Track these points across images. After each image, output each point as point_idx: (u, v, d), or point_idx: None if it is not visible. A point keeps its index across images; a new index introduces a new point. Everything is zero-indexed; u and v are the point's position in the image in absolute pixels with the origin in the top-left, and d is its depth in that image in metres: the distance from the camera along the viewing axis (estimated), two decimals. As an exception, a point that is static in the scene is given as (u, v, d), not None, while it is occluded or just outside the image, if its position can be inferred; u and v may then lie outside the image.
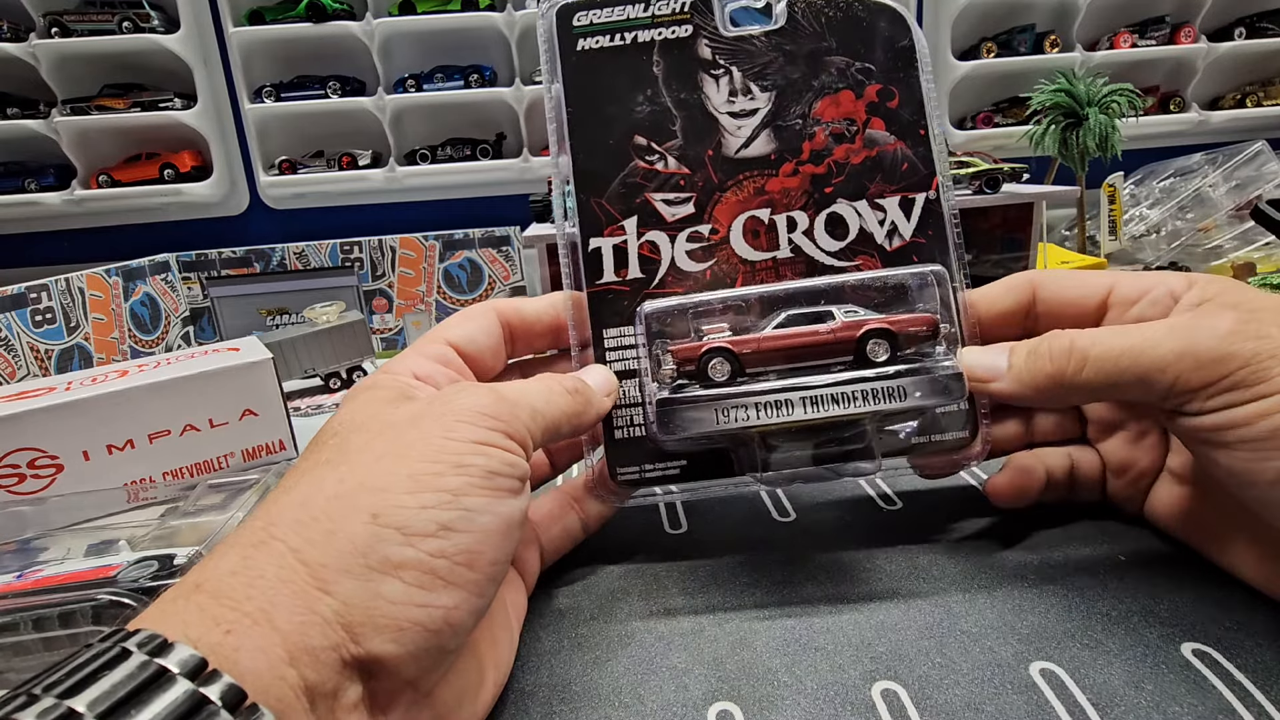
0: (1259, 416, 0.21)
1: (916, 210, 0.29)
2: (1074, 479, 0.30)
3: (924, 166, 0.29)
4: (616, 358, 0.29)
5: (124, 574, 0.31)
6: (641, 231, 0.29)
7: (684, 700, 0.23)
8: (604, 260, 0.29)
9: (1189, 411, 0.23)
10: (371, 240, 1.29)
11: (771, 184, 0.29)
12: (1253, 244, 1.06)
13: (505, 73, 1.49)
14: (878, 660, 0.24)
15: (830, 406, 0.25)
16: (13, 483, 0.42)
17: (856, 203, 0.29)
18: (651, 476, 0.28)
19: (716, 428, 0.26)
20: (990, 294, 0.29)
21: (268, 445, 0.49)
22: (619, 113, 0.29)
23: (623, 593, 0.29)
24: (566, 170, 0.29)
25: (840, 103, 0.29)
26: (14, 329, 0.93)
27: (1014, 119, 1.51)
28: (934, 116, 0.29)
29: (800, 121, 0.29)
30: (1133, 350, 0.23)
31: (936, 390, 0.26)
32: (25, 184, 1.44)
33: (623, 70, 0.29)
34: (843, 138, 0.29)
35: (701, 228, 0.29)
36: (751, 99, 0.29)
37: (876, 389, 0.25)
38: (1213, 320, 0.23)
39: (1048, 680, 0.22)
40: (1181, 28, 1.49)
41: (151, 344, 1.19)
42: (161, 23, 1.40)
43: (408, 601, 0.17)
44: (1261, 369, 0.21)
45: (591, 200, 0.29)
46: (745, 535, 0.33)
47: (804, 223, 0.29)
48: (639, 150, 0.29)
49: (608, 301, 0.29)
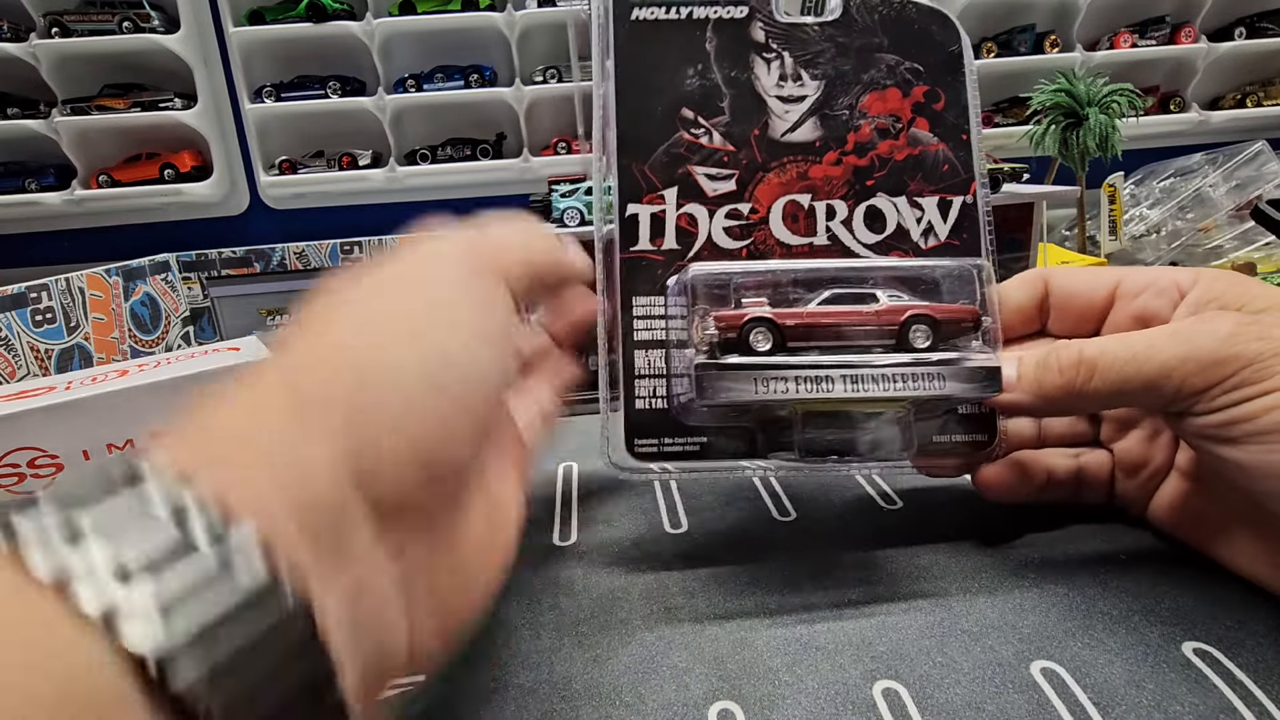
0: (1266, 410, 0.22)
1: (954, 212, 0.29)
2: (1080, 479, 0.30)
3: (964, 170, 0.29)
4: (644, 327, 0.28)
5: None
6: (681, 203, 0.28)
7: (685, 699, 0.23)
8: (640, 227, 0.28)
9: (1196, 412, 0.23)
10: (372, 240, 1.29)
11: (814, 170, 0.29)
12: (1253, 244, 1.06)
13: (505, 73, 1.49)
14: (878, 659, 0.24)
15: (870, 386, 0.26)
16: (12, 482, 0.42)
17: (896, 198, 0.29)
18: (670, 451, 0.28)
19: (755, 397, 0.25)
20: (1006, 290, 0.30)
21: (268, 445, 0.49)
22: (669, 83, 0.29)
23: (623, 591, 0.29)
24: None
25: (887, 99, 0.29)
26: (14, 329, 0.93)
27: (1014, 119, 1.51)
28: (976, 124, 0.29)
29: (847, 112, 0.29)
30: (1138, 357, 0.24)
31: (973, 382, 0.26)
32: (25, 184, 1.44)
33: (676, 43, 0.29)
34: (887, 133, 0.29)
35: (741, 205, 0.29)
36: (801, 85, 0.29)
37: (917, 374, 0.26)
38: (1214, 324, 0.24)
39: (1049, 679, 0.22)
40: (1182, 28, 1.49)
41: (152, 344, 1.19)
42: (162, 23, 1.40)
43: (409, 445, 0.17)
44: (1265, 367, 0.22)
45: (633, 166, 0.28)
46: (746, 534, 0.33)
47: (843, 212, 0.29)
48: (685, 123, 0.29)
49: (641, 268, 0.28)
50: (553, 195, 0.78)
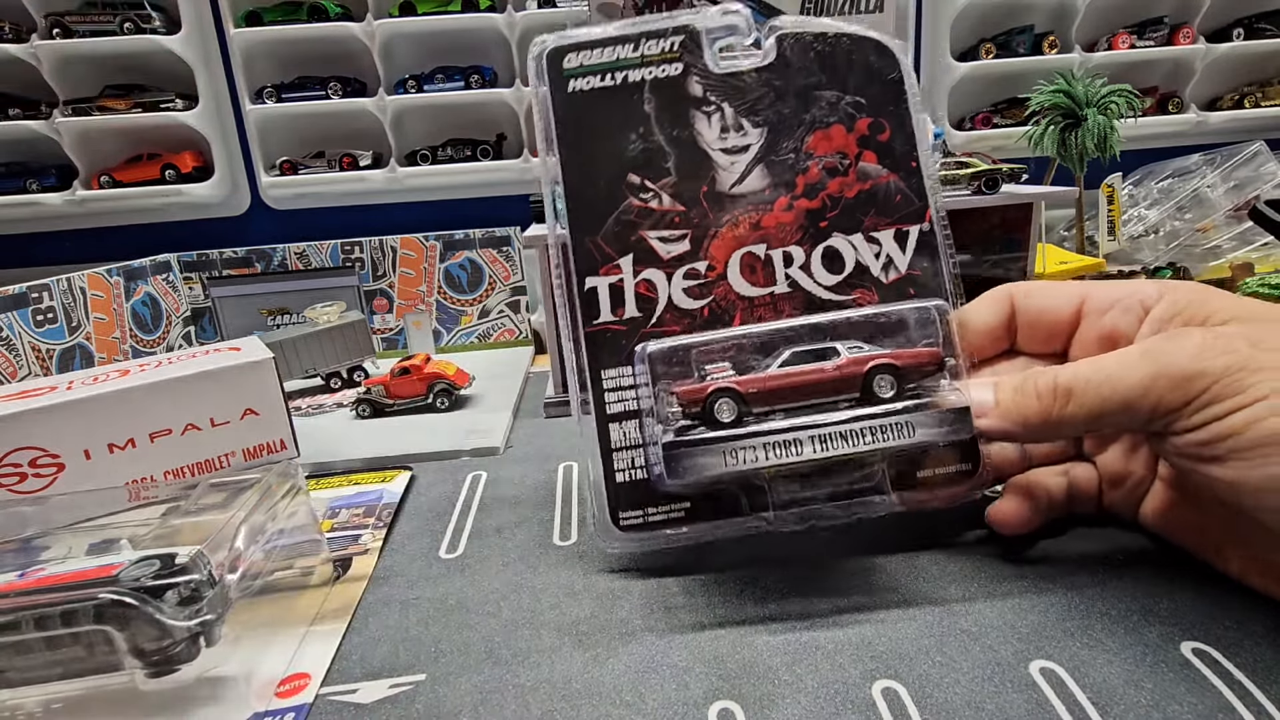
0: (1246, 425, 0.22)
1: (911, 242, 0.29)
2: (1071, 495, 0.30)
3: (917, 199, 0.30)
4: (615, 399, 0.28)
5: (125, 573, 0.31)
6: (638, 270, 0.29)
7: (685, 698, 0.23)
8: (600, 300, 0.29)
9: (1176, 430, 0.24)
10: (372, 240, 1.29)
11: (767, 219, 0.29)
12: (1251, 244, 1.06)
13: (506, 74, 1.49)
14: (878, 659, 0.24)
15: (839, 444, 0.25)
16: (14, 482, 0.42)
17: (852, 236, 0.29)
18: (655, 520, 0.28)
19: (726, 470, 0.26)
20: (975, 310, 0.30)
21: (269, 444, 0.50)
22: (612, 151, 0.29)
23: (623, 591, 0.29)
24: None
25: (832, 137, 0.30)
26: (15, 328, 0.93)
27: (1013, 120, 1.51)
28: (924, 149, 0.29)
29: (793, 156, 0.29)
30: (1112, 379, 0.24)
31: (944, 426, 0.26)
32: (27, 184, 1.44)
33: (615, 110, 0.29)
34: (836, 171, 0.29)
35: (698, 264, 0.29)
36: (744, 134, 0.29)
37: (885, 425, 0.26)
38: (1180, 341, 0.24)
39: (1047, 679, 0.22)
40: (1180, 29, 1.49)
41: (153, 344, 1.20)
42: (163, 24, 1.40)
43: None
44: (1234, 382, 0.22)
45: (586, 240, 0.29)
46: (746, 535, 0.33)
47: (800, 258, 0.29)
48: (633, 189, 0.29)
49: (606, 341, 0.28)
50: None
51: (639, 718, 0.22)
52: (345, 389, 0.77)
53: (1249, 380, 0.22)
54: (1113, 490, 0.30)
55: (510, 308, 1.31)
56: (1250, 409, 0.22)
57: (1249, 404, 0.22)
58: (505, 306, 1.33)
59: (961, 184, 0.80)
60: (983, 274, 0.88)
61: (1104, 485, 0.31)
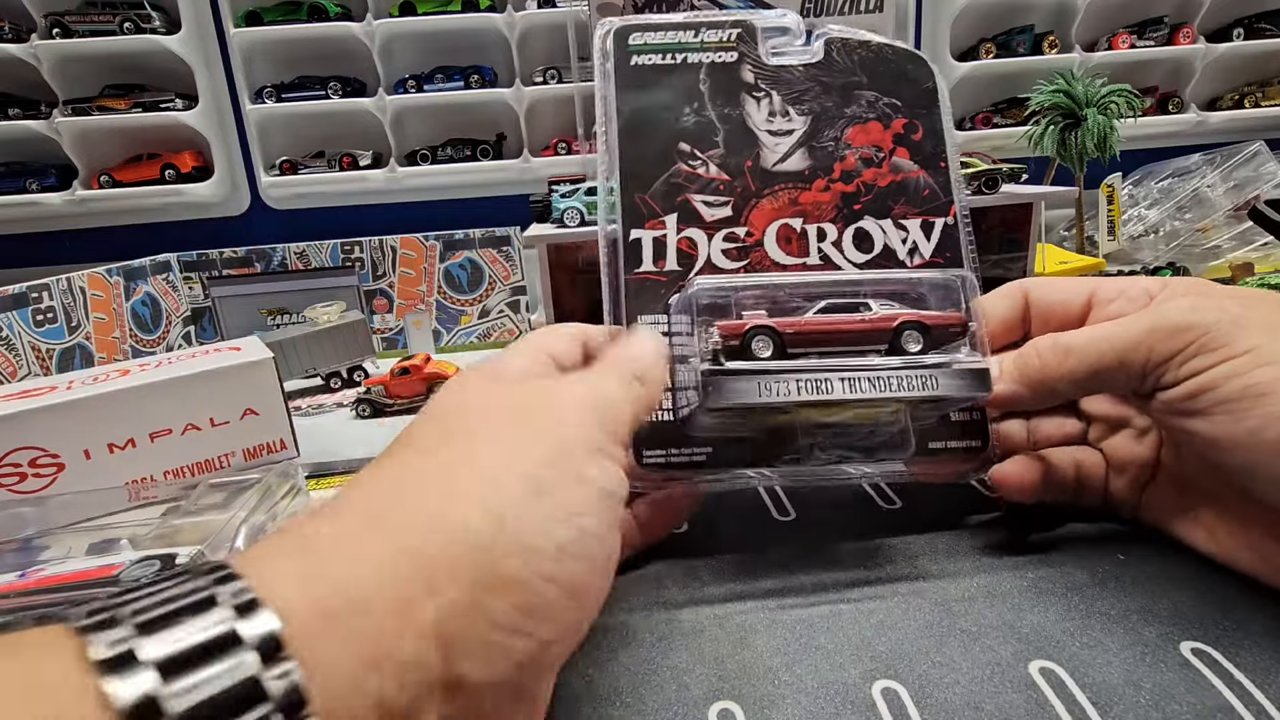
0: (1227, 378, 0.23)
1: (936, 233, 0.31)
2: (1079, 480, 0.31)
3: (944, 195, 0.32)
4: None
5: (126, 573, 0.31)
6: (681, 228, 0.30)
7: (684, 699, 0.23)
8: (643, 250, 0.30)
9: (1164, 384, 0.25)
10: (372, 240, 1.29)
11: (804, 196, 0.31)
12: (1251, 244, 1.06)
13: (505, 74, 1.49)
14: (878, 659, 0.24)
15: (866, 387, 0.26)
16: (14, 482, 0.42)
17: (882, 221, 0.31)
18: (677, 461, 0.29)
19: (759, 399, 0.26)
20: (989, 302, 0.31)
21: (269, 444, 0.50)
22: (667, 121, 0.31)
23: (623, 591, 0.29)
24: (614, 168, 0.30)
25: (869, 131, 0.32)
26: (15, 328, 0.93)
27: (1013, 119, 1.51)
28: (953, 152, 0.32)
29: (833, 144, 0.31)
30: (1110, 336, 0.26)
31: (965, 383, 0.27)
32: (27, 184, 1.44)
33: (673, 85, 0.31)
34: (871, 162, 0.31)
35: (738, 229, 0.30)
36: (789, 120, 0.31)
37: (910, 376, 0.27)
38: (1175, 300, 0.26)
39: (1047, 679, 0.22)
40: (1180, 28, 1.49)
41: (153, 343, 1.20)
42: (163, 23, 1.40)
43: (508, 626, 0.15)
44: (1223, 334, 0.23)
45: (636, 196, 0.30)
46: (745, 534, 0.33)
47: (833, 234, 0.31)
48: (683, 155, 0.31)
49: (645, 289, 0.30)
50: (553, 196, 0.78)
51: (639, 718, 0.22)
52: (345, 389, 0.77)
53: (1235, 334, 0.23)
54: (1119, 478, 0.30)
55: (510, 307, 1.31)
56: (1233, 362, 0.23)
57: (1233, 356, 0.23)
58: (505, 306, 1.33)
59: (961, 184, 0.80)
60: (983, 274, 0.88)
61: (1110, 473, 0.31)
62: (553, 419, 0.19)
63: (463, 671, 0.15)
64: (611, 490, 0.19)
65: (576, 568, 0.17)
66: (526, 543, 0.16)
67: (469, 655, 0.15)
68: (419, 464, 0.18)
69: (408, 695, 0.14)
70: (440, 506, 0.16)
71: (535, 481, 0.17)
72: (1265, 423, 0.22)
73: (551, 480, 0.17)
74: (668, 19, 0.31)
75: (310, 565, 0.15)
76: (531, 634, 0.16)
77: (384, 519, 0.16)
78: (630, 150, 0.31)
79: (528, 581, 0.16)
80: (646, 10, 0.78)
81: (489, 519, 0.16)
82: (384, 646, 0.14)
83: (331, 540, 0.15)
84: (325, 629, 0.13)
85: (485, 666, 0.15)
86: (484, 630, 0.15)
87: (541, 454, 0.18)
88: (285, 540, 0.15)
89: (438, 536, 0.15)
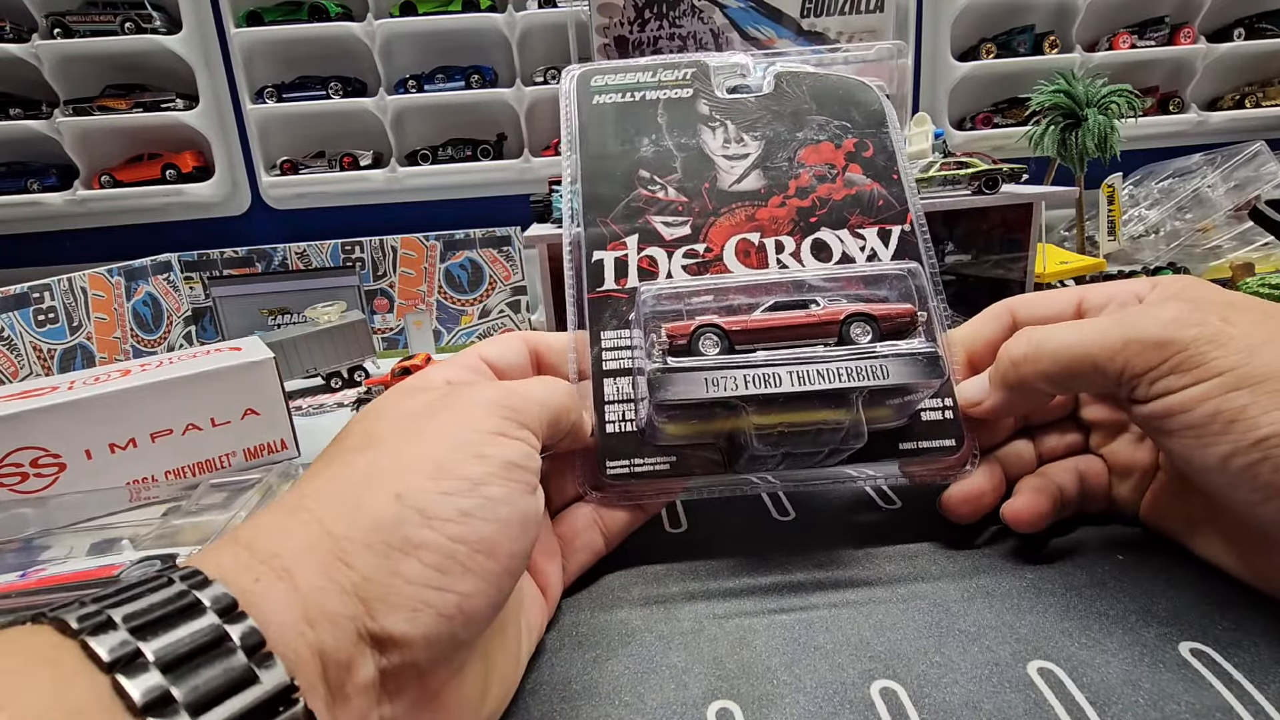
0: (1196, 401, 0.22)
1: (893, 240, 0.32)
2: (1083, 491, 0.30)
3: (898, 204, 0.32)
4: (613, 358, 0.30)
5: (126, 573, 0.31)
6: (642, 247, 0.31)
7: (684, 699, 0.23)
8: (605, 270, 0.31)
9: (1138, 398, 0.24)
10: (373, 240, 1.29)
11: (761, 213, 0.32)
12: (1251, 244, 1.06)
13: (506, 74, 1.49)
14: (876, 659, 0.24)
15: (815, 379, 0.26)
16: (15, 481, 0.42)
17: (839, 230, 0.32)
18: (641, 471, 0.29)
19: (706, 394, 0.27)
20: (976, 326, 0.31)
21: (269, 444, 0.50)
22: (627, 151, 0.33)
23: (623, 591, 0.29)
24: (575, 167, 0.32)
25: (821, 151, 0.33)
26: (17, 328, 0.94)
27: (1013, 119, 1.51)
28: (904, 164, 0.33)
29: (787, 164, 0.33)
30: (1084, 341, 0.25)
31: (916, 369, 0.27)
32: (28, 184, 1.44)
33: (632, 119, 0.33)
34: (825, 178, 0.33)
35: (697, 245, 0.31)
36: (743, 145, 0.33)
37: (860, 366, 0.27)
38: (1157, 310, 0.24)
39: (1046, 679, 0.22)
40: (1181, 28, 1.49)
41: (154, 343, 1.20)
42: (163, 24, 1.40)
43: (424, 583, 0.18)
44: (1199, 353, 0.22)
45: (598, 219, 0.32)
46: (745, 534, 0.33)
47: (791, 246, 0.31)
48: (643, 181, 0.32)
49: (607, 306, 0.30)
50: (553, 196, 0.78)
51: (638, 718, 0.22)
52: (346, 389, 0.77)
53: (1211, 354, 0.22)
54: (1121, 482, 0.30)
55: (510, 307, 1.31)
56: (1206, 384, 0.22)
57: (1205, 379, 0.22)
58: (505, 306, 1.34)
59: (962, 184, 0.80)
60: (983, 274, 0.88)
61: (1113, 478, 0.31)
62: (456, 414, 0.22)
63: (388, 625, 0.17)
64: (514, 461, 0.21)
65: (484, 528, 0.19)
66: (430, 512, 0.19)
67: (392, 609, 0.17)
68: (346, 462, 0.21)
69: (342, 645, 0.17)
70: (356, 496, 0.19)
71: (436, 464, 0.20)
72: (1235, 450, 0.21)
73: (451, 461, 0.20)
74: (628, 64, 0.34)
75: (247, 550, 0.17)
76: (449, 588, 0.18)
77: (309, 510, 0.18)
78: (592, 179, 0.32)
79: (436, 543, 0.18)
80: (646, 10, 0.78)
81: (392, 498, 0.19)
82: (314, 603, 0.16)
83: (266, 529, 0.18)
84: (265, 591, 0.16)
85: (409, 620, 0.17)
86: (400, 587, 0.17)
87: (443, 442, 0.21)
88: (236, 533, 0.18)
89: (349, 518, 0.18)
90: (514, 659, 0.23)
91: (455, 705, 0.20)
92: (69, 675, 0.13)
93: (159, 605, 0.15)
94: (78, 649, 0.13)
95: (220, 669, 0.14)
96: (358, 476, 0.20)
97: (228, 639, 0.14)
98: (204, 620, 0.15)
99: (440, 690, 0.19)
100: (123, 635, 0.14)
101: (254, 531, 0.18)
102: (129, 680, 0.13)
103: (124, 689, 0.13)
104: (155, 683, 0.13)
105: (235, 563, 0.17)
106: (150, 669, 0.13)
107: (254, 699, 0.14)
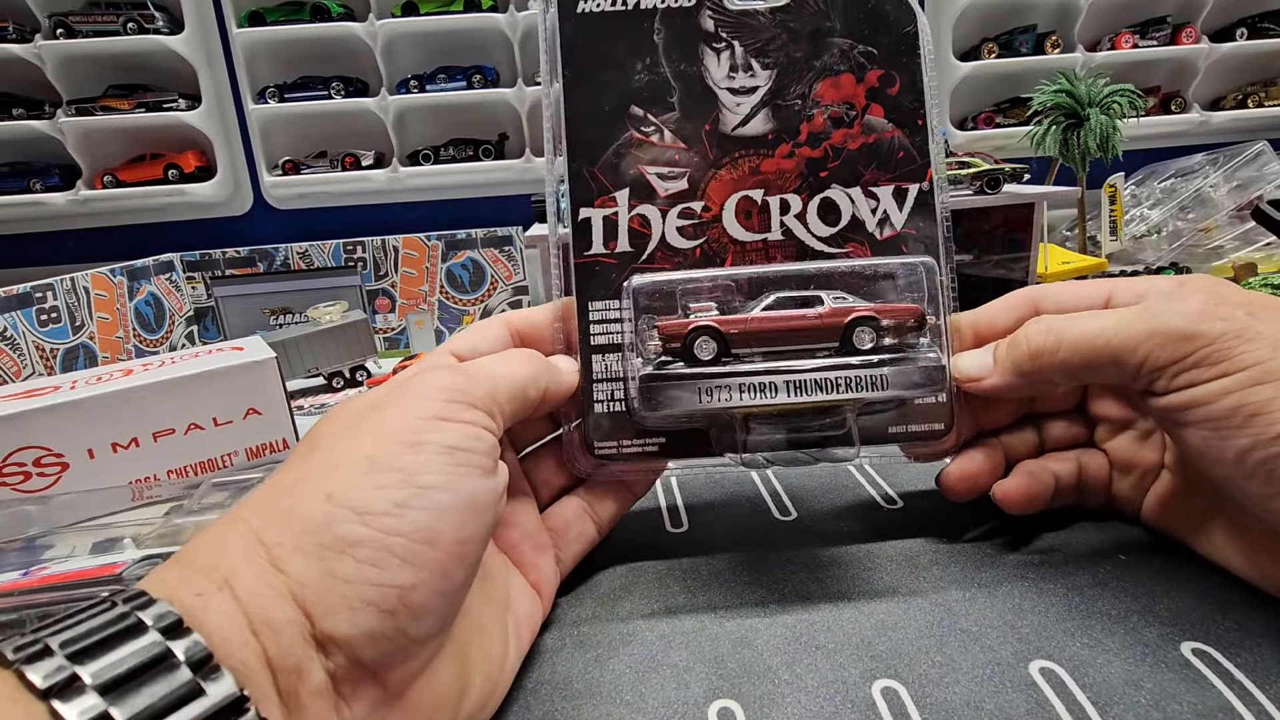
0: (1219, 395, 0.22)
1: (909, 201, 0.29)
2: (1081, 483, 0.30)
3: (919, 157, 0.29)
4: (601, 331, 0.28)
5: (128, 572, 0.31)
6: (633, 204, 0.28)
7: (685, 698, 0.23)
8: (593, 231, 0.28)
9: (1157, 390, 0.24)
10: (374, 240, 1.29)
11: (766, 165, 0.28)
12: (1254, 244, 1.06)
13: (508, 73, 1.49)
14: (878, 659, 0.24)
15: (813, 392, 0.26)
16: (18, 481, 0.42)
17: (850, 189, 0.29)
18: (629, 452, 0.28)
19: (699, 407, 0.26)
20: (992, 312, 0.29)
21: (271, 444, 0.50)
22: (617, 80, 0.28)
23: (624, 591, 0.29)
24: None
25: (841, 85, 0.29)
26: (19, 328, 0.94)
27: (1015, 119, 1.51)
28: (932, 106, 0.29)
29: (799, 102, 0.29)
30: (1106, 331, 0.24)
31: (917, 381, 0.26)
32: (30, 184, 1.45)
33: (623, 36, 0.28)
34: (841, 122, 0.29)
35: (694, 204, 0.28)
36: (752, 76, 0.28)
37: (860, 377, 0.26)
38: (1182, 303, 0.24)
39: (1047, 679, 0.22)
40: (1183, 28, 1.49)
41: (156, 343, 1.20)
42: (166, 24, 1.41)
43: (361, 580, 0.17)
44: (1225, 347, 0.22)
45: (584, 169, 0.28)
46: (746, 534, 0.33)
47: (797, 206, 0.29)
48: (635, 120, 0.28)
49: (595, 274, 0.28)
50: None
51: (639, 717, 0.22)
52: (348, 388, 0.78)
53: (1239, 349, 0.22)
54: (1122, 479, 0.30)
55: (512, 307, 1.31)
56: (1230, 378, 0.22)
57: (1230, 373, 0.22)
58: (507, 306, 1.34)
59: (964, 184, 0.80)
60: (985, 274, 0.88)
61: (1114, 473, 0.31)
62: (395, 406, 0.21)
63: (328, 627, 0.17)
64: (454, 445, 0.20)
65: (421, 517, 0.19)
66: (363, 508, 0.18)
67: (330, 611, 0.17)
68: (284, 469, 0.21)
69: (289, 651, 0.16)
70: (288, 501, 0.19)
71: (369, 459, 0.19)
72: (1254, 444, 0.21)
73: (385, 454, 0.19)
74: None
75: (189, 566, 0.18)
76: (387, 583, 0.18)
77: (245, 520, 0.19)
78: (577, 114, 0.28)
79: (371, 538, 0.18)
80: None
81: (322, 498, 0.18)
82: (256, 612, 0.16)
83: (206, 544, 0.18)
84: (207, 605, 0.16)
85: (348, 620, 0.17)
86: (337, 586, 0.17)
87: (378, 436, 0.20)
88: (180, 552, 0.18)
89: (279, 524, 0.18)
90: (497, 657, 0.23)
91: (426, 705, 0.19)
92: (3, 705, 0.13)
93: (99, 629, 0.15)
94: (14, 679, 0.14)
95: (163, 686, 0.14)
96: (289, 481, 0.19)
97: (171, 656, 0.15)
98: (144, 639, 0.15)
99: (405, 690, 0.19)
100: (59, 661, 0.14)
101: (195, 548, 0.18)
102: (64, 704, 0.13)
103: (59, 715, 0.13)
104: (91, 704, 0.13)
105: (179, 580, 0.17)
106: (88, 692, 0.13)
107: (200, 712, 0.14)
